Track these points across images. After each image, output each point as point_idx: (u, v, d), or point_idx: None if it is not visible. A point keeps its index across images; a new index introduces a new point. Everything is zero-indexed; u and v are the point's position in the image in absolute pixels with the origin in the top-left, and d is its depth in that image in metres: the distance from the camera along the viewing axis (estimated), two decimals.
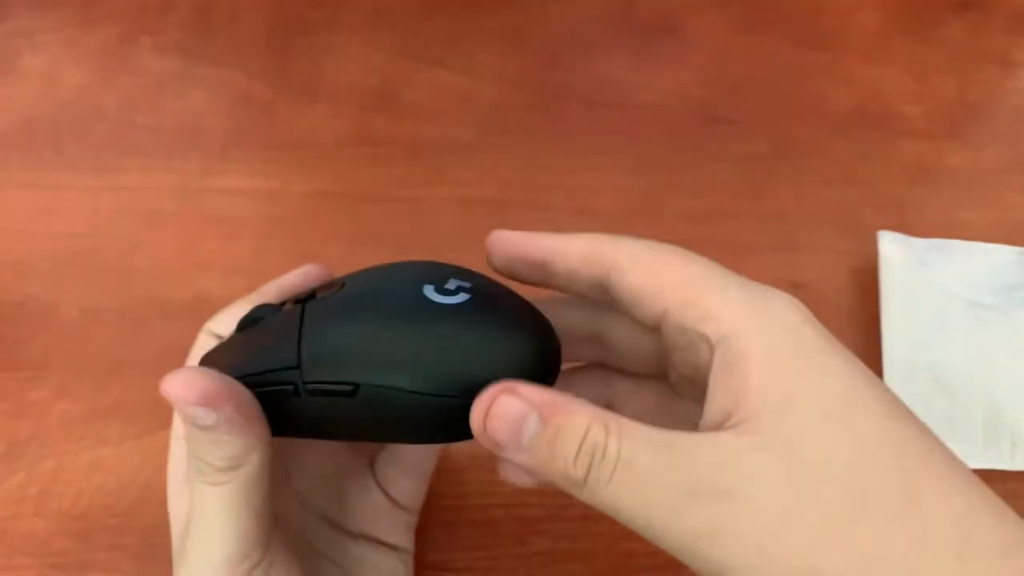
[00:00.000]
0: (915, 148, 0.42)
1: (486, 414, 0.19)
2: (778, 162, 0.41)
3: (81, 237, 0.38)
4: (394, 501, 0.27)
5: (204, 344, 0.24)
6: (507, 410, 0.18)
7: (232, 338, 0.24)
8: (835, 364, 0.19)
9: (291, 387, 0.21)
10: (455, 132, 0.41)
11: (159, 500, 0.31)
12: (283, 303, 0.24)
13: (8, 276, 0.37)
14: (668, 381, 0.23)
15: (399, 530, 0.27)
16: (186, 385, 0.19)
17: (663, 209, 0.39)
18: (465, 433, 0.20)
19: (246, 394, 0.20)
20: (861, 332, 0.36)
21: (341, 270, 0.37)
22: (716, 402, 0.19)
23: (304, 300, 0.23)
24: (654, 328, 0.21)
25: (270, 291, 0.25)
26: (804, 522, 0.17)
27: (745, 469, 0.17)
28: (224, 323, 0.24)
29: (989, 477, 0.18)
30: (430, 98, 0.43)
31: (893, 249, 0.36)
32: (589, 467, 0.18)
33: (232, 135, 0.41)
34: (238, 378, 0.21)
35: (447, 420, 0.20)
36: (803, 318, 0.19)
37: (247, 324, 0.23)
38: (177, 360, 0.25)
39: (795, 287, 0.37)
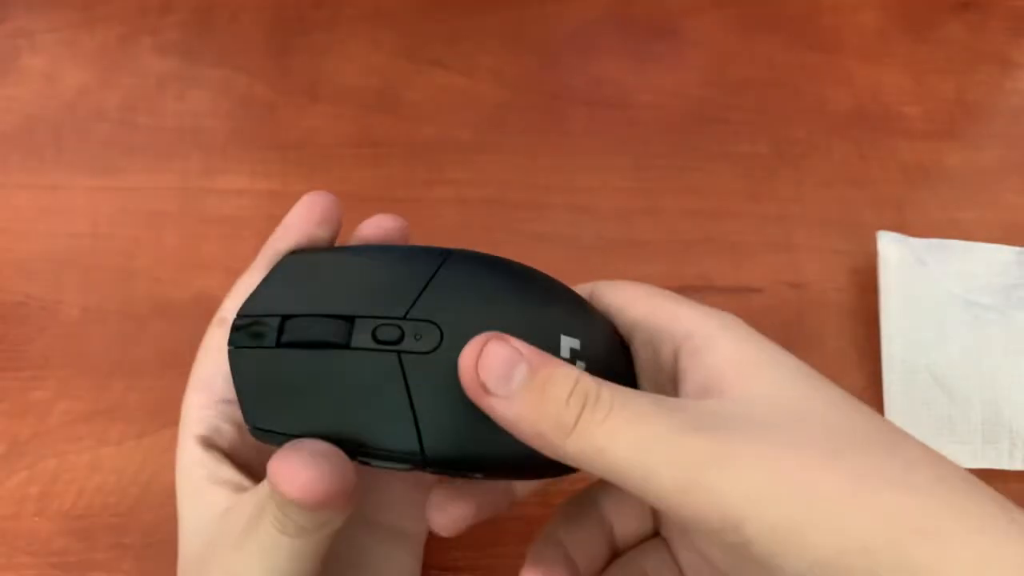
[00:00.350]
0: (914, 148, 0.42)
1: (478, 354, 0.19)
2: (777, 162, 0.41)
3: (82, 237, 0.38)
4: (412, 483, 0.26)
5: (216, 338, 0.23)
6: (498, 352, 0.19)
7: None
8: (790, 355, 0.20)
9: (408, 462, 0.20)
10: (455, 132, 0.42)
11: (160, 500, 0.32)
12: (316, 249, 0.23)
13: (9, 276, 0.37)
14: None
15: (418, 514, 0.26)
16: (291, 477, 0.18)
17: (662, 209, 0.40)
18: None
19: (351, 475, 0.19)
20: (861, 332, 0.36)
21: None
22: (691, 381, 0.20)
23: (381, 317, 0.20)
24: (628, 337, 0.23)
25: (280, 244, 0.24)
26: (802, 453, 0.17)
27: (737, 418, 0.18)
28: (233, 309, 0.23)
29: (988, 477, 0.18)
30: (430, 98, 0.43)
31: (892, 249, 0.36)
32: (583, 407, 0.18)
33: (233, 135, 0.41)
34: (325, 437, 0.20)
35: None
36: (752, 329, 0.21)
37: (301, 341, 0.20)
38: (178, 361, 0.25)
39: (795, 287, 0.37)
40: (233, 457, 0.23)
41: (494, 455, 0.20)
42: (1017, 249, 0.38)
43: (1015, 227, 0.39)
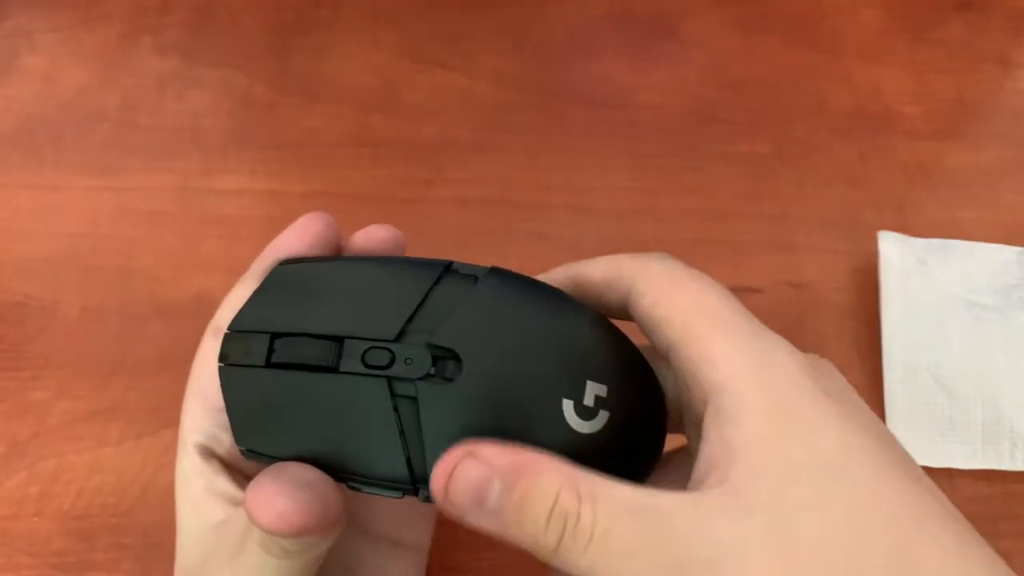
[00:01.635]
0: (915, 148, 0.42)
1: (447, 480, 0.18)
2: (778, 162, 0.41)
3: (81, 237, 0.38)
4: None
5: (211, 349, 0.22)
6: (468, 474, 0.17)
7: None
8: (829, 419, 0.17)
9: (398, 490, 0.19)
10: (455, 132, 0.42)
11: (159, 500, 0.31)
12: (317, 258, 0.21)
13: (8, 276, 0.37)
14: (681, 421, 0.23)
15: (418, 524, 0.26)
16: (265, 507, 0.18)
17: (662, 209, 0.39)
18: None
19: (334, 503, 0.19)
20: (861, 332, 0.36)
21: None
22: (705, 453, 0.18)
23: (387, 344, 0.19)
24: (665, 357, 0.21)
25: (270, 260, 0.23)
26: None
27: (729, 540, 0.16)
28: (227, 318, 0.22)
29: (989, 477, 0.18)
30: (430, 98, 0.43)
31: (893, 249, 0.36)
32: (562, 535, 0.17)
33: (232, 135, 0.41)
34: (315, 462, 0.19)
35: None
36: (800, 368, 0.18)
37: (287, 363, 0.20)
38: (178, 360, 0.25)
39: (795, 287, 0.37)
40: (231, 465, 0.22)
41: None
42: (1018, 249, 0.38)
43: (1016, 227, 0.39)
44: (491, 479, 0.17)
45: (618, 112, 0.43)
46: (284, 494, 0.18)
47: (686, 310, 0.20)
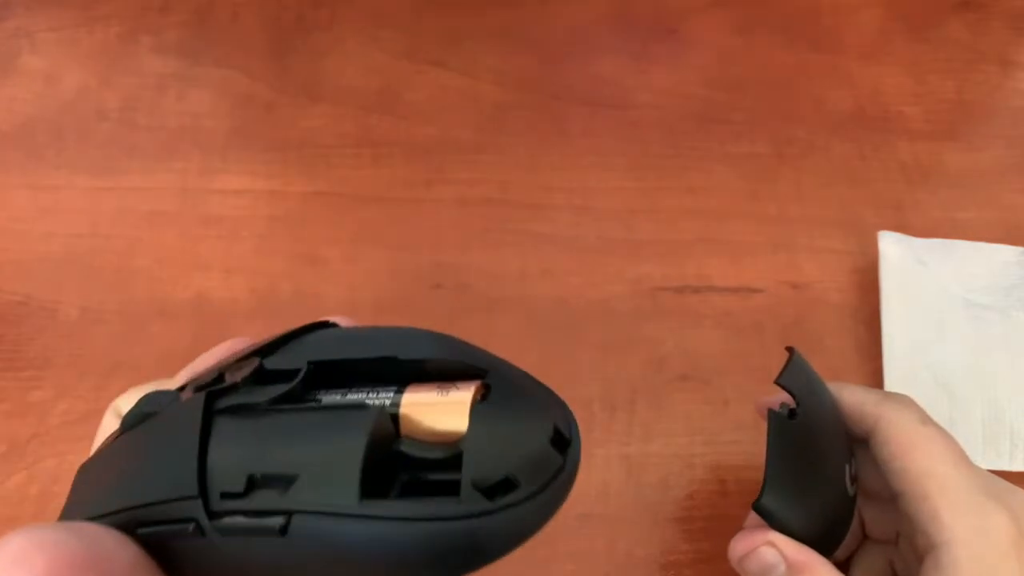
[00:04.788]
0: (915, 148, 0.42)
1: (746, 552, 0.23)
2: (777, 162, 0.41)
3: (81, 237, 0.38)
4: None
5: (108, 427, 0.19)
6: (764, 556, 0.23)
7: (112, 446, 0.17)
8: None
9: (190, 525, 0.14)
10: (455, 132, 0.41)
11: None
12: (182, 388, 0.18)
13: (8, 276, 0.37)
14: (897, 550, 0.27)
15: None
16: (14, 569, 0.13)
17: (662, 209, 0.39)
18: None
19: (121, 553, 0.14)
20: (862, 332, 0.36)
21: (340, 270, 0.37)
22: None
23: (209, 386, 0.16)
24: (893, 497, 0.25)
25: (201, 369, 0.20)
26: None
27: None
28: (132, 402, 0.19)
29: None
30: (430, 98, 0.43)
31: (893, 249, 0.36)
32: None
33: (232, 135, 0.41)
34: (109, 516, 0.15)
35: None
36: (1011, 540, 0.22)
37: (133, 423, 0.17)
38: (177, 361, 0.25)
39: (796, 287, 0.37)
40: None
41: None
42: (1018, 249, 0.38)
43: (1016, 227, 0.39)
44: (779, 565, 0.23)
45: (618, 112, 0.43)
46: (40, 545, 0.13)
47: (920, 473, 0.24)
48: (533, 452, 0.15)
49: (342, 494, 0.14)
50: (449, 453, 0.15)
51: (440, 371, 0.17)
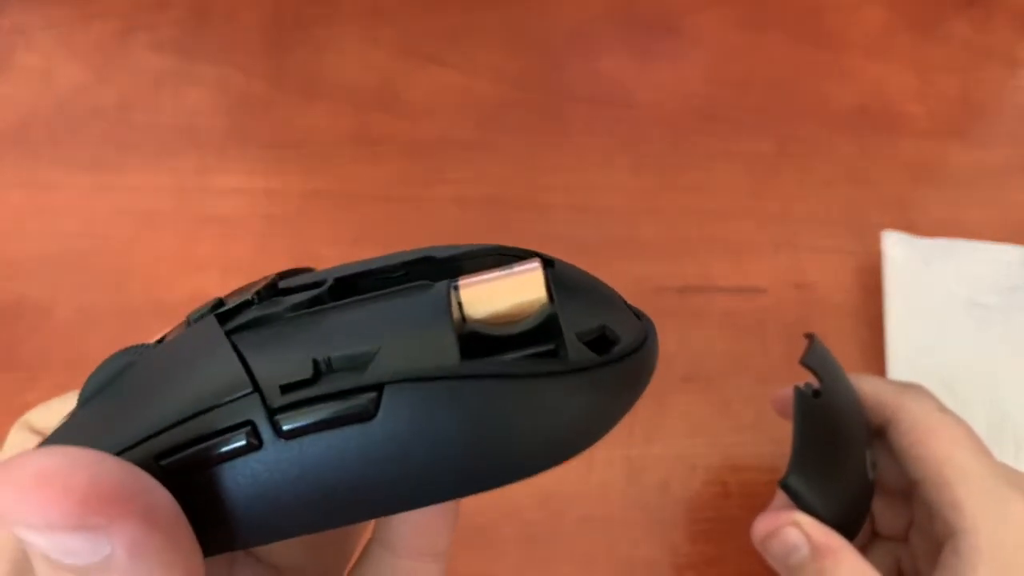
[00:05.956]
0: (919, 147, 0.41)
1: (770, 532, 0.23)
2: (780, 161, 0.41)
3: (77, 237, 0.37)
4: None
5: (18, 445, 0.16)
6: (788, 536, 0.23)
7: (85, 408, 0.15)
8: None
9: (242, 432, 0.12)
10: (454, 131, 0.41)
11: None
12: (161, 338, 0.15)
13: (3, 276, 0.36)
14: (908, 545, 0.27)
15: (442, 533, 0.25)
16: (44, 488, 0.10)
17: (664, 208, 0.39)
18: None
19: (160, 493, 0.11)
20: (866, 332, 0.36)
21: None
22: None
23: (208, 313, 0.14)
24: (908, 488, 0.25)
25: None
26: None
27: None
28: (47, 417, 0.17)
29: None
30: (429, 96, 0.42)
31: (898, 249, 0.36)
32: None
33: (230, 133, 0.41)
34: (124, 452, 0.12)
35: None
36: None
37: (105, 380, 0.14)
38: None
39: (798, 287, 0.37)
40: None
41: None
42: (1022, 249, 0.37)
43: (1021, 226, 0.39)
44: (803, 545, 0.23)
45: (619, 110, 0.42)
46: (72, 466, 0.11)
47: (940, 460, 0.24)
48: (620, 313, 0.15)
49: (440, 355, 0.12)
50: (531, 325, 0.13)
51: (476, 269, 0.14)
